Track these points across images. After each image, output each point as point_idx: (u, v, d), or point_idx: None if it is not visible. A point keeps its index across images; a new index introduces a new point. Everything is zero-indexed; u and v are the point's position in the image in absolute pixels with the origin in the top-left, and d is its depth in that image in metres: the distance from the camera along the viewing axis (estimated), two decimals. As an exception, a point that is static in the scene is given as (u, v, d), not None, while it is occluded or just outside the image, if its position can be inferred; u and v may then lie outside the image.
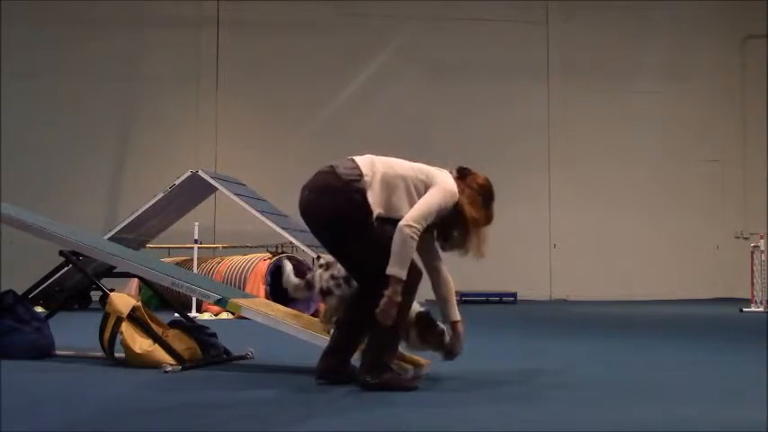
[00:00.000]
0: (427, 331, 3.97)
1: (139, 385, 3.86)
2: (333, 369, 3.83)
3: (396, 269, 3.63)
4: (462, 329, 4.02)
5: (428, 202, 3.74)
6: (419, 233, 3.67)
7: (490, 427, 2.95)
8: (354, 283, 4.02)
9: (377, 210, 3.75)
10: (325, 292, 4.19)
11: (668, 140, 14.91)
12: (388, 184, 3.78)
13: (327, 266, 4.23)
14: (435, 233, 3.98)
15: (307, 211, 3.87)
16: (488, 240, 3.93)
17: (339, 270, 4.12)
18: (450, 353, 4.02)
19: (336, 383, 3.78)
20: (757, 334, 7.07)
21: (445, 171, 3.93)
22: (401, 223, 3.68)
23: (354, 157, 3.88)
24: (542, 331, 7.82)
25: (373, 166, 3.81)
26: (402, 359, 4.05)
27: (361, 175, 3.76)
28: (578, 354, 5.57)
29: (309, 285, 4.40)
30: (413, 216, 3.69)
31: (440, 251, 4.04)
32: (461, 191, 3.86)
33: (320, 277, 4.23)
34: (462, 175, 3.94)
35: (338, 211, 3.74)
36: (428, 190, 3.79)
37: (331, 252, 3.97)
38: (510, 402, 3.45)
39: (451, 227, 3.91)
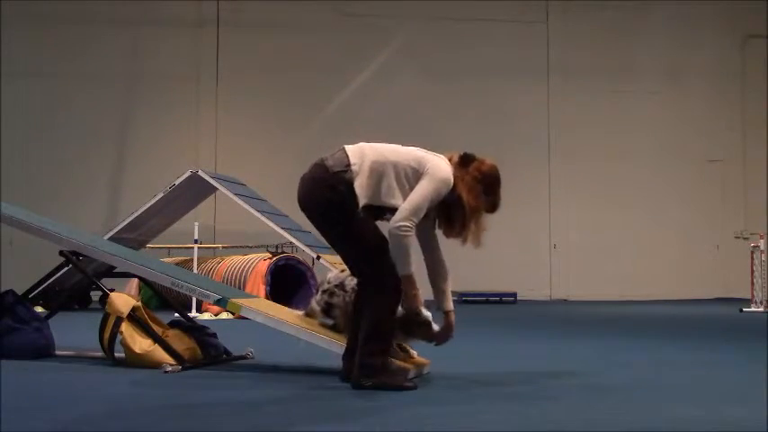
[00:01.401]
0: (412, 324, 3.90)
1: (139, 385, 3.86)
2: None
3: (400, 270, 3.69)
4: (453, 319, 3.97)
5: (417, 197, 3.69)
6: (411, 230, 3.65)
7: (490, 427, 2.95)
8: (348, 285, 4.12)
9: (362, 200, 3.72)
10: (327, 310, 4.27)
11: (668, 140, 14.91)
12: (377, 172, 3.75)
13: (317, 289, 4.37)
14: (437, 221, 3.91)
15: (300, 201, 3.89)
16: (485, 230, 3.84)
17: (329, 282, 4.28)
18: (438, 341, 3.99)
19: None
20: (757, 334, 7.06)
21: (440, 157, 3.84)
22: (390, 226, 3.68)
23: (346, 147, 3.87)
24: (542, 331, 7.82)
25: (363, 155, 3.79)
26: (404, 360, 4.05)
27: (348, 165, 3.75)
28: (578, 354, 5.56)
29: (312, 313, 4.43)
30: (402, 215, 3.66)
31: (437, 239, 3.99)
32: (461, 178, 3.78)
33: (317, 302, 4.33)
34: (465, 162, 3.85)
35: (323, 203, 3.77)
36: (419, 178, 3.74)
37: (329, 243, 4.01)
38: (509, 402, 3.44)
39: (453, 213, 3.82)
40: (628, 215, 14.61)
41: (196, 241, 9.78)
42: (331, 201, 3.74)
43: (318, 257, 9.16)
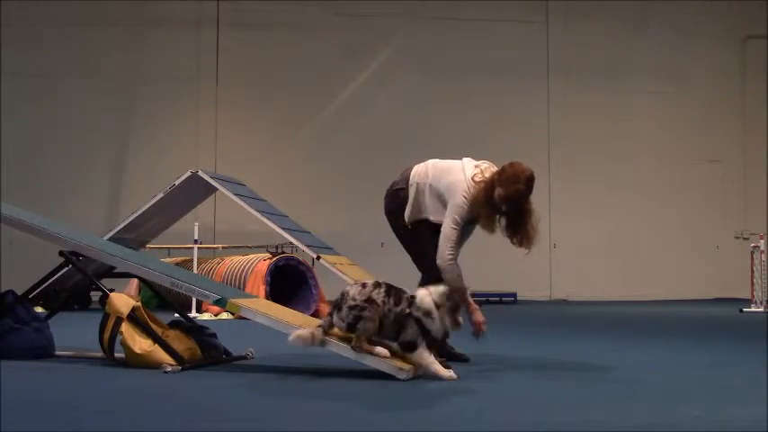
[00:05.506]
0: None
1: (139, 385, 3.86)
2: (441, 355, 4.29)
3: (458, 287, 4.38)
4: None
5: (445, 229, 4.51)
6: (453, 257, 4.50)
7: (489, 427, 2.95)
8: (378, 299, 4.01)
9: (407, 218, 4.68)
10: (353, 324, 4.01)
11: (668, 140, 14.91)
12: (419, 193, 4.64)
13: (338, 308, 4.07)
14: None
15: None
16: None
17: (354, 299, 4.02)
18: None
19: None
20: (757, 334, 7.06)
21: (478, 166, 4.58)
22: (437, 262, 4.51)
23: (415, 166, 4.73)
24: (542, 332, 7.82)
25: (418, 175, 4.67)
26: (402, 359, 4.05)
27: (406, 185, 4.70)
28: (578, 354, 5.57)
29: (313, 339, 4.10)
30: (440, 250, 4.50)
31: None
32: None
33: (342, 318, 4.05)
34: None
35: (387, 212, 4.82)
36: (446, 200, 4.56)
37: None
38: (508, 403, 3.45)
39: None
40: (628, 215, 14.61)
41: (196, 241, 9.78)
42: (391, 211, 4.77)
43: (318, 258, 9.15)
